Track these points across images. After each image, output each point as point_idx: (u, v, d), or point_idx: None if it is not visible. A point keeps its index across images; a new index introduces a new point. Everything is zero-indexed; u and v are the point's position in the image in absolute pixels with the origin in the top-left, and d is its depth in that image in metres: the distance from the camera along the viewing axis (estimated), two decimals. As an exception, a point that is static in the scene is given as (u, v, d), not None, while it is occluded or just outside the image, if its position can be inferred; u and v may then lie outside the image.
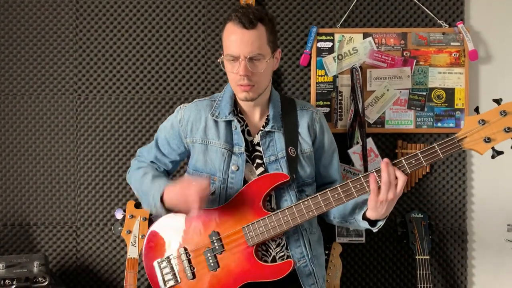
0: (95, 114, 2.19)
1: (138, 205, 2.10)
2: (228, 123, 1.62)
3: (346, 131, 2.12)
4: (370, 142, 2.12)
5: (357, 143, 2.09)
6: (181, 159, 1.73)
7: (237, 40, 1.48)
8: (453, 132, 2.14)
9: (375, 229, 1.52)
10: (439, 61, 2.14)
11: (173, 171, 1.79)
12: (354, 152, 2.10)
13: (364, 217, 1.51)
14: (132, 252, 2.00)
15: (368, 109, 2.14)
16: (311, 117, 1.68)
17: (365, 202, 1.49)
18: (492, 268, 2.19)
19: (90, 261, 2.18)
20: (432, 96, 2.15)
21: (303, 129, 1.65)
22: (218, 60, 1.60)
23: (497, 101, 1.37)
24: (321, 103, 2.15)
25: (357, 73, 2.10)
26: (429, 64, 2.14)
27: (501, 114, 1.35)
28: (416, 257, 1.97)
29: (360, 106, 2.08)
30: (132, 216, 2.05)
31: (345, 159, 2.09)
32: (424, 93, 2.14)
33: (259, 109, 1.64)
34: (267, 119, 1.63)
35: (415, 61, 2.14)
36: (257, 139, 1.62)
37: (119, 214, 2.10)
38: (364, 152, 2.08)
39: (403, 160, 1.41)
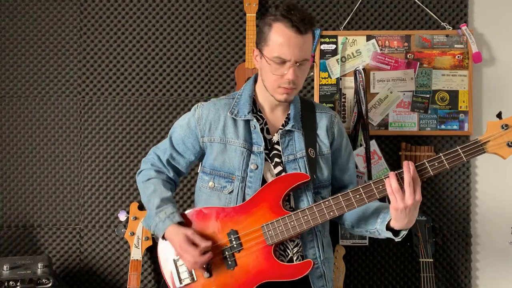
0: (99, 116, 2.19)
1: (141, 207, 2.10)
2: (247, 122, 1.61)
3: (349, 133, 2.12)
4: (373, 144, 2.12)
5: (361, 145, 2.09)
6: (196, 159, 1.70)
7: (290, 45, 1.47)
8: (457, 134, 2.13)
9: (397, 239, 1.50)
10: (442, 63, 2.14)
11: (186, 173, 1.76)
12: (358, 155, 2.09)
13: (388, 228, 1.49)
14: (136, 253, 2.00)
15: (371, 111, 2.13)
16: (330, 120, 1.68)
17: (387, 211, 1.48)
18: (496, 271, 2.18)
19: (94, 262, 2.18)
20: (436, 98, 2.14)
21: (321, 131, 1.65)
22: (255, 55, 1.58)
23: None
24: (324, 105, 2.14)
25: (360, 75, 2.10)
26: (432, 66, 2.14)
27: None
28: (420, 260, 1.97)
29: (363, 108, 2.08)
30: (135, 218, 2.06)
31: (349, 161, 2.09)
32: (428, 96, 2.14)
33: (281, 108, 1.64)
34: (287, 118, 1.63)
35: (418, 63, 2.14)
36: (276, 137, 1.61)
37: (122, 216, 2.10)
38: (367, 155, 2.08)
39: (425, 163, 1.41)
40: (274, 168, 1.59)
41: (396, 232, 1.48)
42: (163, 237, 1.56)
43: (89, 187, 2.19)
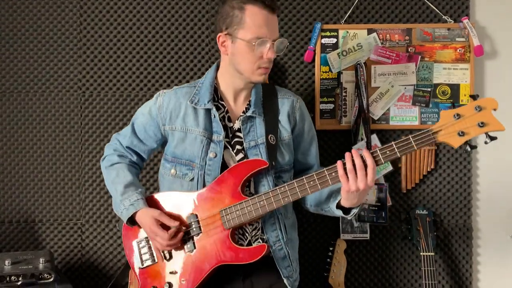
0: (100, 111, 2.19)
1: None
2: (208, 111, 1.63)
3: (350, 127, 2.11)
4: (374, 139, 2.12)
5: (362, 139, 2.09)
6: (158, 146, 1.74)
7: (267, 24, 1.51)
8: (458, 128, 2.13)
9: (349, 217, 1.56)
10: (444, 57, 2.13)
11: (147, 159, 1.80)
12: (359, 149, 2.08)
13: (338, 206, 1.55)
14: (137, 248, 2.00)
15: (372, 105, 2.13)
16: (292, 105, 1.70)
17: (339, 191, 1.52)
18: (497, 265, 2.18)
19: (95, 257, 2.19)
20: (437, 92, 2.14)
21: (283, 116, 1.68)
22: (222, 41, 1.58)
23: (474, 97, 1.40)
24: (325, 99, 2.14)
25: (361, 69, 2.09)
26: (434, 60, 2.13)
27: (476, 109, 1.37)
28: (421, 253, 1.97)
29: (364, 102, 2.07)
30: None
31: (350, 155, 2.08)
32: (429, 89, 2.13)
33: (243, 95, 1.66)
34: (248, 105, 1.65)
35: (420, 57, 2.13)
36: (237, 125, 1.64)
37: (123, 211, 2.10)
38: (368, 149, 2.07)
39: (377, 150, 1.44)
40: (236, 155, 1.62)
41: (346, 210, 1.55)
42: (131, 223, 1.61)
43: (90, 182, 2.19)
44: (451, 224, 2.17)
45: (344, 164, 1.45)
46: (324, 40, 2.15)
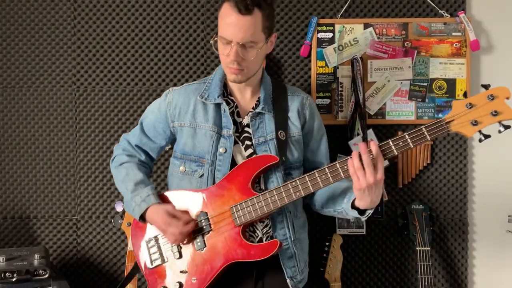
0: (94, 106, 2.18)
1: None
2: (217, 105, 1.62)
3: (346, 122, 2.11)
4: (370, 134, 2.11)
5: (358, 134, 2.09)
6: (166, 144, 1.72)
7: (231, 24, 1.47)
8: (454, 123, 2.13)
9: (363, 218, 1.53)
10: (440, 52, 2.13)
11: (156, 158, 1.78)
12: (355, 144, 2.09)
13: (353, 207, 1.51)
14: (133, 244, 1.99)
15: (368, 100, 2.12)
16: (301, 102, 1.69)
17: (352, 192, 1.49)
18: (493, 259, 2.19)
19: (91, 253, 2.18)
20: (433, 87, 2.13)
21: (293, 113, 1.66)
22: (211, 41, 1.59)
23: (485, 87, 1.39)
24: (321, 94, 2.14)
25: (357, 64, 2.09)
26: (430, 54, 2.13)
27: (489, 98, 1.36)
28: (417, 248, 1.97)
29: (360, 97, 2.07)
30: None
31: (346, 150, 2.08)
32: (425, 84, 2.13)
33: (250, 90, 1.64)
34: (258, 101, 1.64)
35: (416, 51, 2.12)
36: (246, 120, 1.62)
37: (119, 207, 2.09)
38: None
39: (390, 142, 1.41)
40: (245, 151, 1.60)
41: (361, 211, 1.50)
42: (143, 219, 1.59)
43: (85, 178, 2.18)
44: (447, 218, 2.17)
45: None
46: (320, 35, 2.14)
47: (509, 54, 2.17)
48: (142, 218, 1.58)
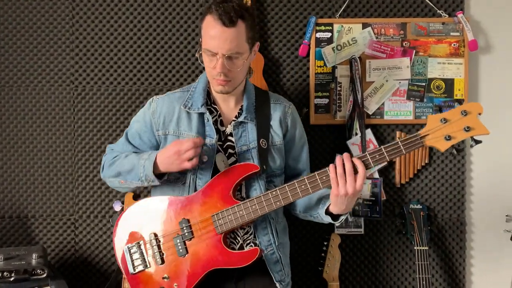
0: (93, 105, 2.17)
1: (136, 197, 2.09)
2: (201, 115, 1.63)
3: (345, 122, 2.11)
4: (369, 133, 2.11)
5: (356, 134, 2.09)
6: None
7: (215, 37, 1.48)
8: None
9: (337, 223, 1.57)
10: (438, 52, 2.13)
11: None
12: (353, 144, 2.09)
13: (327, 212, 1.55)
14: (131, 244, 1.99)
15: (367, 100, 2.13)
16: (284, 111, 1.71)
17: (328, 197, 1.53)
18: (491, 259, 2.19)
19: (89, 253, 2.18)
20: (432, 86, 2.14)
21: (275, 122, 1.68)
22: (197, 54, 1.60)
23: (459, 101, 1.42)
24: (320, 94, 2.14)
25: (356, 63, 2.09)
26: (428, 54, 2.13)
27: (462, 114, 1.41)
28: (415, 247, 1.98)
29: (359, 97, 2.07)
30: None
31: (344, 150, 2.08)
32: (424, 84, 2.13)
33: (234, 99, 1.66)
34: (241, 110, 1.65)
35: (414, 51, 2.13)
36: (229, 129, 1.64)
37: (117, 206, 2.09)
38: (363, 144, 2.08)
39: (367, 155, 1.45)
40: (228, 159, 1.62)
41: (335, 217, 1.55)
42: (159, 178, 1.56)
43: (83, 177, 2.17)
44: (445, 218, 2.18)
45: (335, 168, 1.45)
46: (318, 35, 2.14)
47: (507, 54, 2.18)
48: (156, 171, 1.55)
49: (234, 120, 1.64)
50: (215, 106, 1.66)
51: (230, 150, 1.63)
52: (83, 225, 2.18)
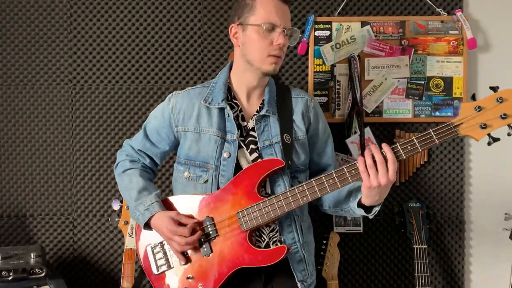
0: (91, 104, 2.17)
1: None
2: (221, 110, 1.60)
3: (343, 120, 2.11)
4: (368, 132, 2.11)
5: (355, 132, 2.09)
6: (170, 149, 1.70)
7: (278, 11, 1.51)
8: (451, 121, 2.13)
9: (370, 216, 1.51)
10: (437, 50, 2.13)
11: (160, 164, 1.76)
12: (352, 142, 2.09)
13: (359, 204, 1.50)
14: (130, 243, 1.99)
15: (366, 98, 2.12)
16: (306, 104, 1.67)
17: (359, 189, 1.48)
18: (490, 257, 2.20)
19: (87, 252, 2.17)
20: (430, 85, 2.13)
21: (297, 116, 1.65)
22: (234, 32, 1.58)
23: (494, 89, 1.38)
24: (318, 92, 2.14)
25: (355, 62, 2.08)
26: (427, 52, 2.13)
27: (498, 101, 1.35)
28: (414, 246, 1.97)
29: (358, 95, 2.07)
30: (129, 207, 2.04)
31: (343, 148, 2.08)
32: (422, 82, 2.13)
33: (256, 93, 1.63)
34: (262, 104, 1.62)
35: (413, 49, 2.12)
36: (251, 124, 1.61)
37: (116, 205, 2.09)
38: (362, 142, 2.08)
39: (398, 146, 1.40)
40: (250, 155, 1.59)
41: (367, 209, 1.49)
42: (147, 227, 1.58)
43: (82, 176, 2.17)
44: (444, 217, 2.18)
45: (364, 160, 1.40)
46: (317, 33, 2.14)
47: (506, 52, 2.18)
48: (148, 226, 1.57)
49: (255, 114, 1.60)
50: (236, 101, 1.62)
51: (252, 146, 1.58)
52: (81, 224, 2.17)
